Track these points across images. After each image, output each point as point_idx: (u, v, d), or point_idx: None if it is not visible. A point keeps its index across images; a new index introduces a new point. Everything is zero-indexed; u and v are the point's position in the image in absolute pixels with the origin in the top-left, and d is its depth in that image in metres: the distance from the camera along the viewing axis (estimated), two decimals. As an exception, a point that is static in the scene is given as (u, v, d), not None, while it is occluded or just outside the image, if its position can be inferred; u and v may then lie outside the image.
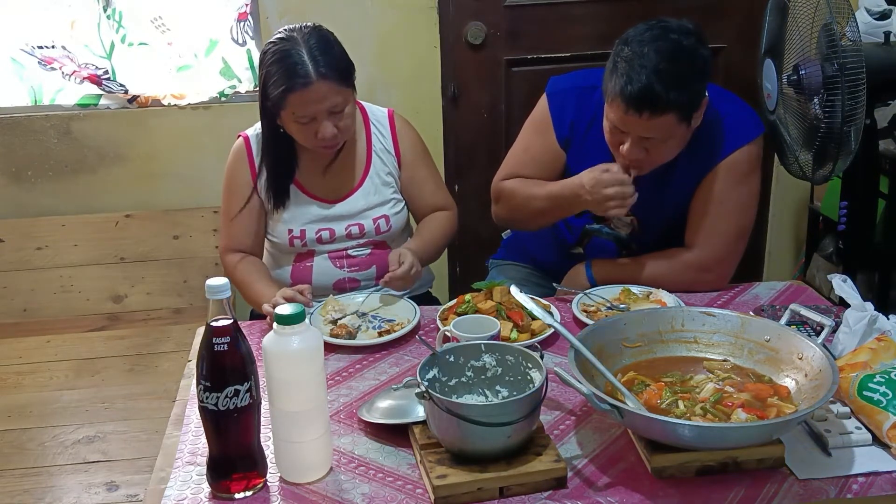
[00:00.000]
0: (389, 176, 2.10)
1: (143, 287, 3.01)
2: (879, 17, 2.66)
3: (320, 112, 1.87)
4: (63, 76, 2.95)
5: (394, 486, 1.34)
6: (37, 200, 3.01)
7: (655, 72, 1.74)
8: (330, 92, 1.86)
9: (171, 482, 1.37)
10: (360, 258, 2.08)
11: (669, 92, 1.75)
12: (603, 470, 1.36)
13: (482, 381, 1.45)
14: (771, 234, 3.34)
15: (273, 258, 2.14)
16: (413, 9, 2.95)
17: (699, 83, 1.82)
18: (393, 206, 2.10)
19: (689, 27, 1.83)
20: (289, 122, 1.91)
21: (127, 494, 2.12)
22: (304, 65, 1.84)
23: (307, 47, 1.85)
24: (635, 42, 1.79)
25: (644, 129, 1.80)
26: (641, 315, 1.59)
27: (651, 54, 1.76)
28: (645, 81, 1.74)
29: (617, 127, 1.84)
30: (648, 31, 1.80)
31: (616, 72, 1.79)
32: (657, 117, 1.77)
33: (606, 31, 2.97)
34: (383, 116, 2.12)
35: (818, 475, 1.32)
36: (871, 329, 1.56)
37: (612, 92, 1.80)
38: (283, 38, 1.89)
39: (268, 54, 1.89)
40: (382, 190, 2.09)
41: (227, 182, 2.07)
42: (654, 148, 1.84)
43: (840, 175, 2.34)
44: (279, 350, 1.30)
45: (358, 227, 2.06)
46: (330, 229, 2.05)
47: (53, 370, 2.62)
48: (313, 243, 2.05)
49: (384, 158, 2.09)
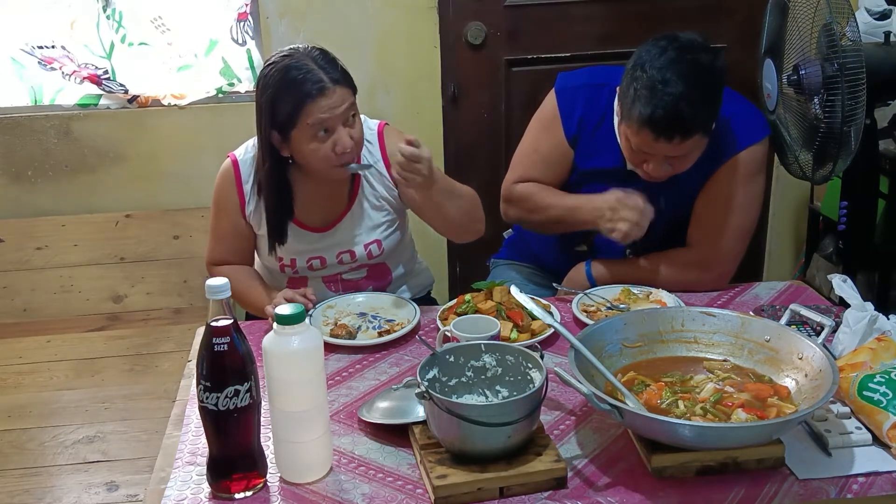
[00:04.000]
0: (382, 200, 2.00)
1: (143, 287, 3.01)
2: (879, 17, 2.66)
3: (336, 120, 1.78)
4: (63, 76, 2.95)
5: (394, 486, 1.34)
6: (37, 200, 3.01)
7: (682, 98, 1.75)
8: (345, 97, 1.79)
9: (171, 482, 1.37)
10: (355, 280, 2.03)
11: (696, 115, 1.77)
12: (603, 470, 1.36)
13: (482, 381, 1.45)
14: (771, 234, 3.34)
15: (267, 275, 2.07)
16: (413, 9, 2.95)
17: (719, 97, 1.85)
18: (384, 230, 2.00)
19: (699, 41, 1.84)
20: (301, 142, 1.80)
21: (127, 494, 2.12)
22: (314, 72, 1.77)
23: (312, 58, 1.79)
24: (653, 68, 1.78)
25: (672, 151, 1.82)
26: (641, 315, 1.59)
27: (674, 79, 1.76)
28: (672, 108, 1.75)
29: (641, 149, 1.85)
30: (665, 55, 1.79)
31: (638, 99, 1.78)
32: (686, 140, 1.79)
33: (606, 31, 2.99)
34: (373, 134, 1.99)
35: (818, 475, 1.32)
36: (871, 329, 1.56)
37: (639, 120, 1.79)
38: (285, 55, 1.81)
39: (269, 77, 1.80)
40: (372, 214, 1.99)
41: (215, 202, 1.99)
42: (678, 163, 1.87)
43: (840, 175, 2.34)
44: (279, 350, 1.30)
45: (349, 255, 1.99)
46: (321, 258, 1.98)
47: (53, 370, 2.62)
48: (305, 271, 2.00)
49: (374, 182, 1.99)
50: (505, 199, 2.15)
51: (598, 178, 2.01)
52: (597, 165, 2.01)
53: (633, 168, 1.93)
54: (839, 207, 2.48)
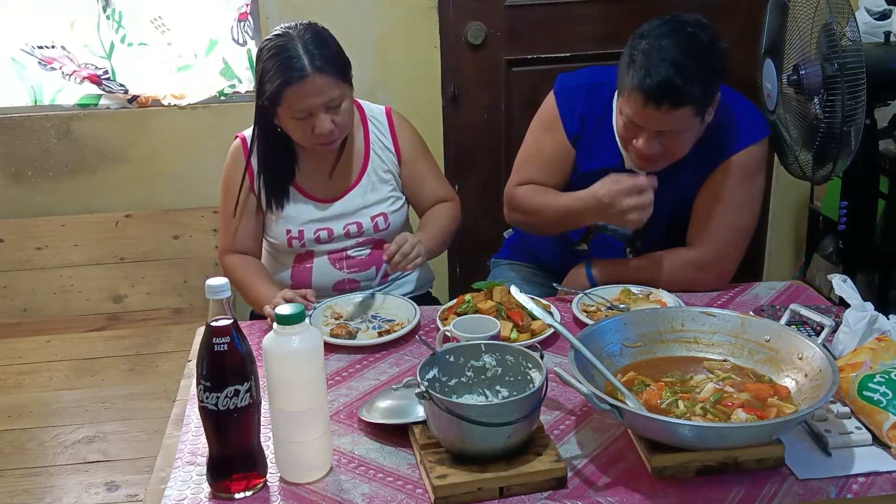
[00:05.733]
0: (388, 173, 2.10)
1: (143, 287, 3.01)
2: (879, 17, 2.66)
3: (317, 106, 1.87)
4: (63, 76, 2.95)
5: (394, 486, 1.34)
6: (37, 200, 3.01)
7: (675, 64, 1.75)
8: (326, 86, 1.86)
9: (171, 482, 1.37)
10: (360, 259, 2.08)
11: (688, 85, 1.75)
12: (603, 470, 1.36)
13: (482, 381, 1.45)
14: (771, 234, 3.34)
15: (272, 260, 2.13)
16: (413, 9, 2.95)
17: (716, 77, 1.83)
18: (391, 204, 2.10)
19: (704, 22, 1.84)
20: (286, 118, 1.91)
21: (127, 494, 2.12)
22: (299, 58, 1.84)
23: (302, 42, 1.86)
24: (652, 36, 1.79)
25: (661, 123, 1.80)
26: (641, 315, 1.59)
27: (670, 47, 1.76)
28: (664, 74, 1.75)
29: (632, 121, 1.84)
30: (665, 26, 1.81)
31: (633, 66, 1.79)
32: (675, 110, 1.77)
33: (606, 31, 2.99)
34: (380, 113, 2.12)
35: (818, 475, 1.32)
36: (871, 329, 1.56)
37: (630, 85, 1.80)
38: (279, 34, 1.89)
39: (263, 51, 1.89)
40: (380, 187, 2.09)
41: (224, 183, 2.07)
42: (668, 142, 1.84)
43: (840, 175, 2.34)
44: (279, 350, 1.30)
45: (356, 226, 2.06)
46: (328, 229, 2.05)
47: (53, 370, 2.62)
48: (312, 243, 2.05)
49: (382, 156, 2.09)
50: (507, 204, 2.15)
51: (598, 177, 2.00)
52: (597, 165, 2.01)
53: (624, 149, 1.92)
54: (839, 207, 2.48)
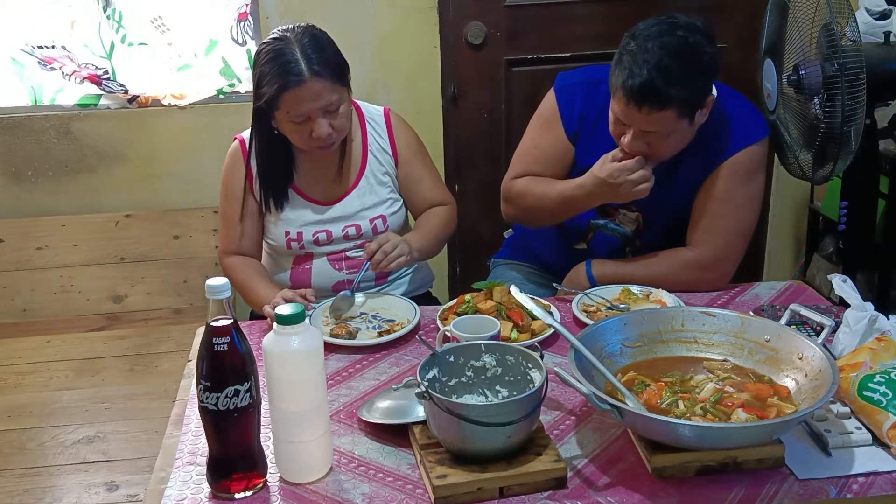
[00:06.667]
0: (386, 175, 2.10)
1: (143, 287, 3.01)
2: (879, 17, 2.66)
3: (314, 111, 1.87)
4: (63, 76, 2.95)
5: (394, 486, 1.34)
6: (37, 200, 3.01)
7: (657, 67, 1.75)
8: (324, 90, 1.86)
9: (171, 482, 1.37)
10: (359, 259, 2.07)
11: (670, 87, 1.76)
12: (603, 470, 1.36)
13: (482, 381, 1.45)
14: (771, 234, 3.34)
15: (272, 261, 2.13)
16: (413, 9, 2.95)
17: (702, 80, 1.83)
18: (390, 206, 2.09)
19: (698, 24, 1.83)
20: (283, 122, 1.91)
21: (127, 494, 2.12)
22: (297, 63, 1.84)
23: (300, 46, 1.85)
24: (641, 37, 1.80)
25: (644, 123, 1.81)
26: (641, 315, 1.59)
27: (654, 49, 1.77)
28: (646, 76, 1.75)
29: (619, 119, 1.85)
30: (656, 27, 1.81)
31: (620, 65, 1.81)
32: (657, 112, 1.78)
33: (606, 30, 2.98)
34: (379, 115, 2.12)
35: (818, 475, 1.33)
36: (871, 329, 1.56)
37: (615, 84, 1.82)
38: (277, 37, 1.89)
39: (261, 55, 1.89)
40: (378, 190, 2.08)
41: (223, 185, 2.07)
42: (654, 143, 1.85)
43: (840, 175, 2.34)
44: (279, 350, 1.30)
45: (355, 229, 2.06)
46: (327, 231, 2.05)
47: (53, 370, 2.62)
48: (311, 245, 2.05)
49: (380, 158, 2.09)
50: (504, 198, 2.15)
51: None
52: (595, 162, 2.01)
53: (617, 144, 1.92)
54: (839, 207, 2.48)
